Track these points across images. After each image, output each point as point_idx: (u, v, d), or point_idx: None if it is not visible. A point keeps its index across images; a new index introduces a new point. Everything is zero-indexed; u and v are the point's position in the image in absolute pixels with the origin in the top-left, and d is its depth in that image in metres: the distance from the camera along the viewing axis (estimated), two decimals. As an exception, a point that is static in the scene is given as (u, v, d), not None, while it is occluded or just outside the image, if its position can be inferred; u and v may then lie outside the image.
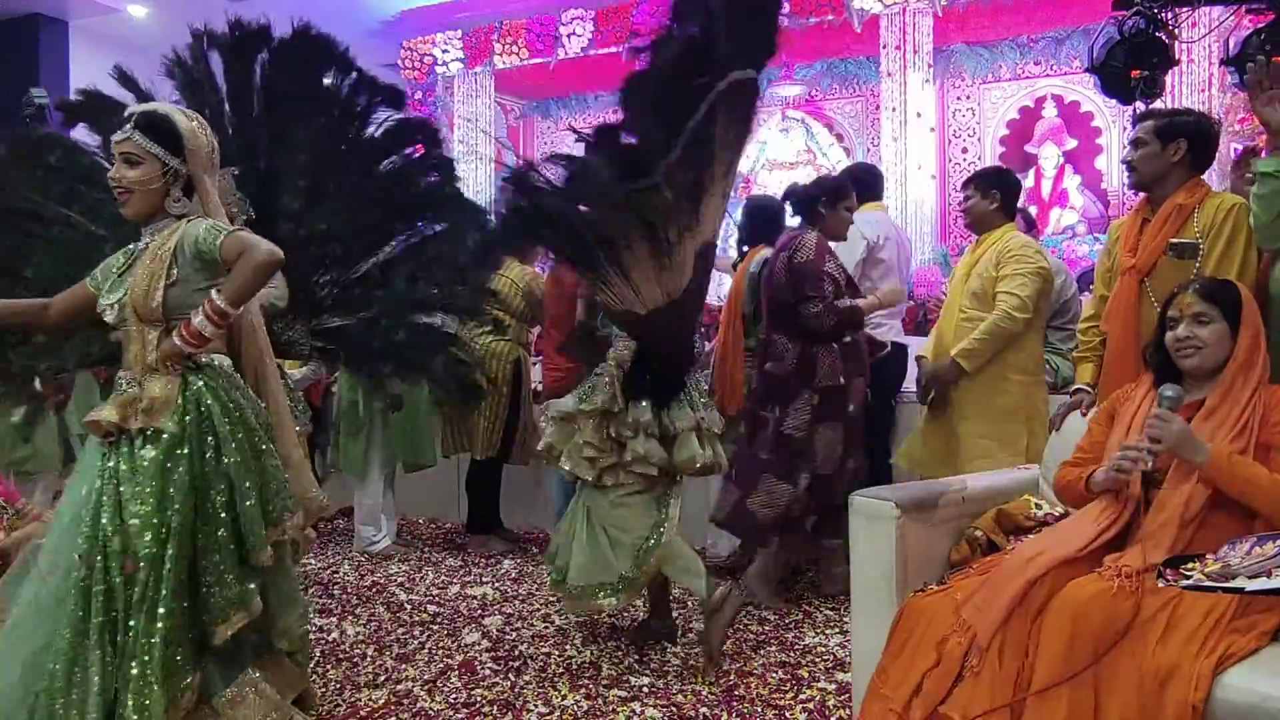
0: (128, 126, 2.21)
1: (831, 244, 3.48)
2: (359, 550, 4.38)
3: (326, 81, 3.51)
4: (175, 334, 2.16)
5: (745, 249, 3.95)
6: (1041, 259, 3.35)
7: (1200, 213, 2.58)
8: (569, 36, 7.76)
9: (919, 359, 3.57)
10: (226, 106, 3.54)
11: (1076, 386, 2.81)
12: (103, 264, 2.35)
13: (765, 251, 3.97)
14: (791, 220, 3.72)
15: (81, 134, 3.75)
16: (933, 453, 3.43)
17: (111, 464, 2.14)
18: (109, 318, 2.25)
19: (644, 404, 2.91)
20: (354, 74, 3.50)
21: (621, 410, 2.90)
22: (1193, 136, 2.63)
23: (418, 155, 3.67)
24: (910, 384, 3.82)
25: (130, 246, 2.34)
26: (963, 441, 3.31)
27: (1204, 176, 2.73)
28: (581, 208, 2.84)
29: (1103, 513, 2.01)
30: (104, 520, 2.08)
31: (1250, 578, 1.70)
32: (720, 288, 5.39)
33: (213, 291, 2.16)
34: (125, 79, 3.46)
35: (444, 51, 8.35)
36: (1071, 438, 2.37)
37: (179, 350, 2.16)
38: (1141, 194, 2.83)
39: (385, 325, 3.42)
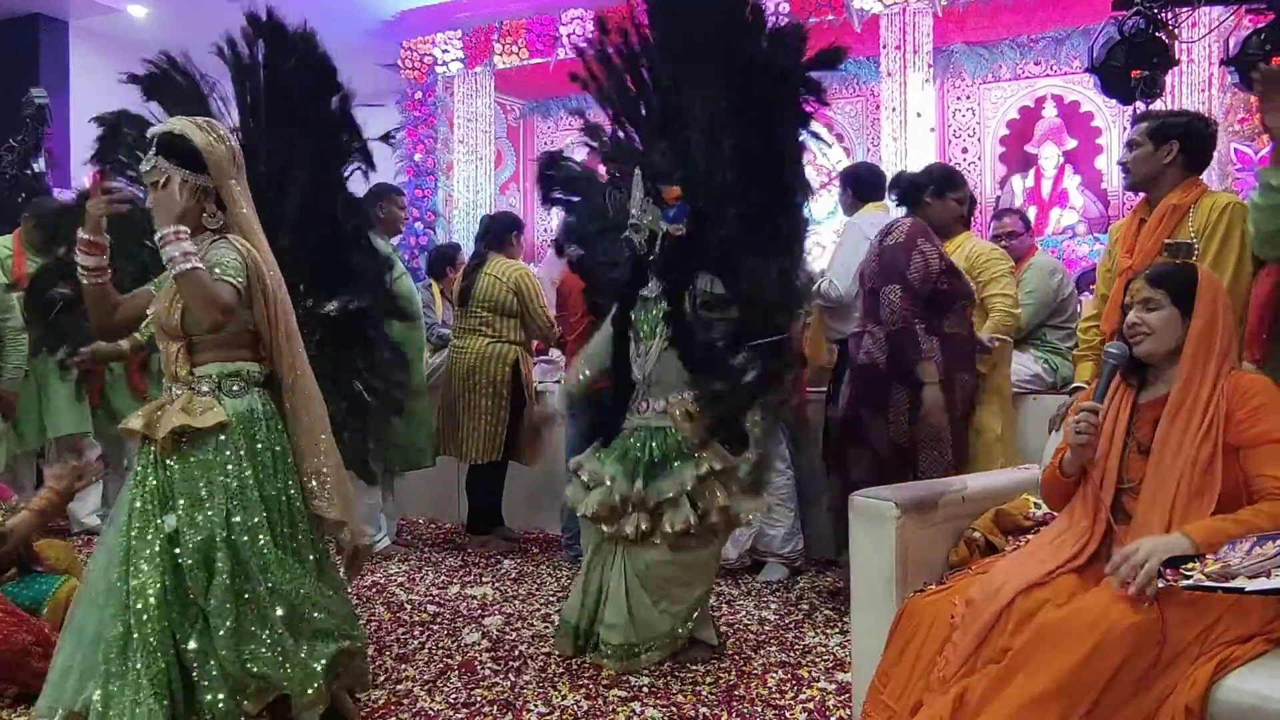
0: (151, 153, 2.25)
1: (854, 244, 3.49)
2: None
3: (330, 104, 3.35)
4: None
5: None
6: (1008, 262, 3.64)
7: (1195, 212, 2.61)
8: (569, 36, 7.76)
9: None
10: (249, 99, 3.33)
11: (1075, 385, 2.83)
12: (165, 273, 2.35)
13: None
14: (897, 209, 3.65)
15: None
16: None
17: (153, 468, 2.25)
18: (154, 329, 2.36)
19: (746, 455, 2.82)
20: (347, 108, 3.24)
21: (733, 468, 2.81)
22: (1184, 137, 2.66)
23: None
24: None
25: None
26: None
27: (1203, 176, 2.74)
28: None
29: (1069, 531, 1.98)
30: (148, 520, 2.21)
31: (1250, 578, 1.69)
32: None
33: None
34: (135, 78, 3.37)
35: (444, 51, 8.34)
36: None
37: None
38: (1140, 195, 2.83)
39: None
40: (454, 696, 2.69)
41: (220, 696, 2.12)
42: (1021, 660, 1.72)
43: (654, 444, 2.85)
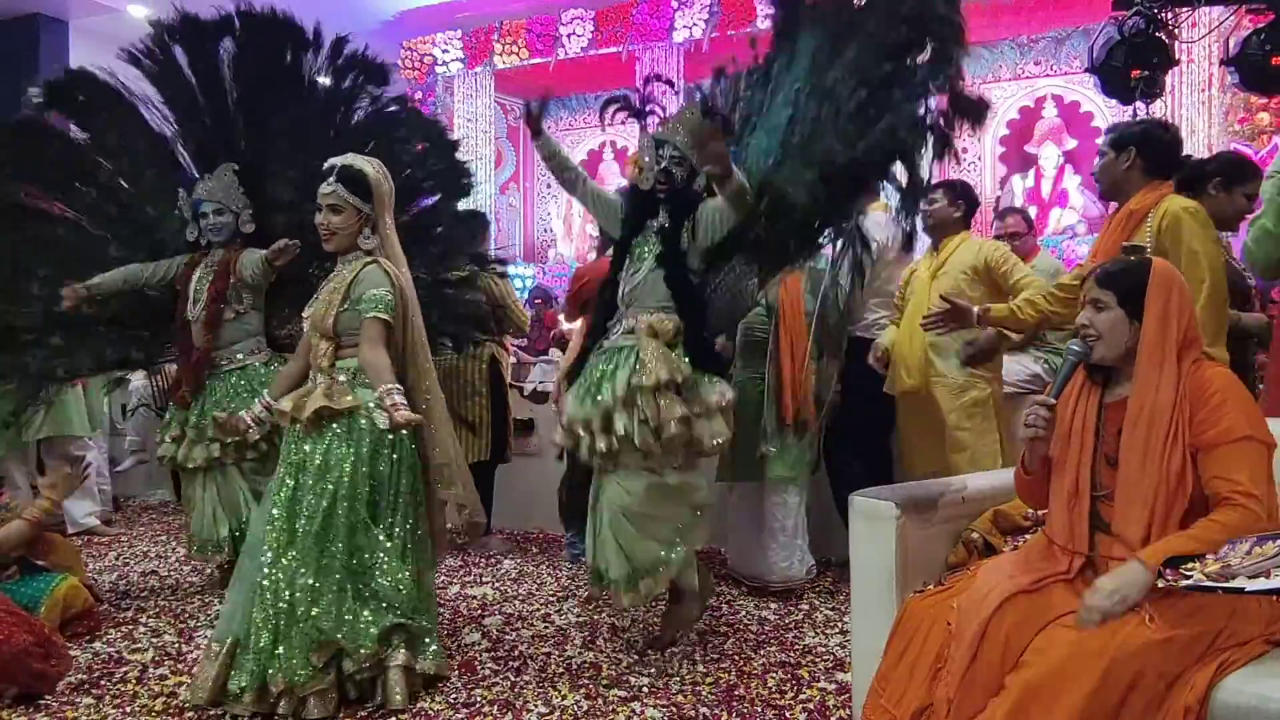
0: (332, 179, 2.68)
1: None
2: None
3: (309, 64, 3.53)
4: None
5: None
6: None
7: (1152, 216, 2.68)
8: (569, 36, 7.77)
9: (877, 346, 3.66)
10: (200, 98, 3.53)
11: None
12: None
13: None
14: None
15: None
16: (913, 448, 3.47)
17: (295, 443, 2.67)
18: (305, 326, 2.80)
19: (716, 380, 2.83)
20: (335, 55, 3.54)
21: (686, 382, 2.76)
22: (1141, 143, 2.76)
23: (402, 133, 3.70)
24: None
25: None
26: (946, 436, 3.38)
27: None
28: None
29: (1055, 537, 1.96)
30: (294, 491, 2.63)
31: (1250, 577, 1.69)
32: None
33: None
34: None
35: (444, 51, 8.36)
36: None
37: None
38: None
39: None
40: (454, 696, 2.69)
41: (295, 647, 2.49)
42: (1031, 697, 1.68)
43: (614, 361, 2.82)
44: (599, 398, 2.77)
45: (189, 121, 3.62)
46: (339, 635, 2.51)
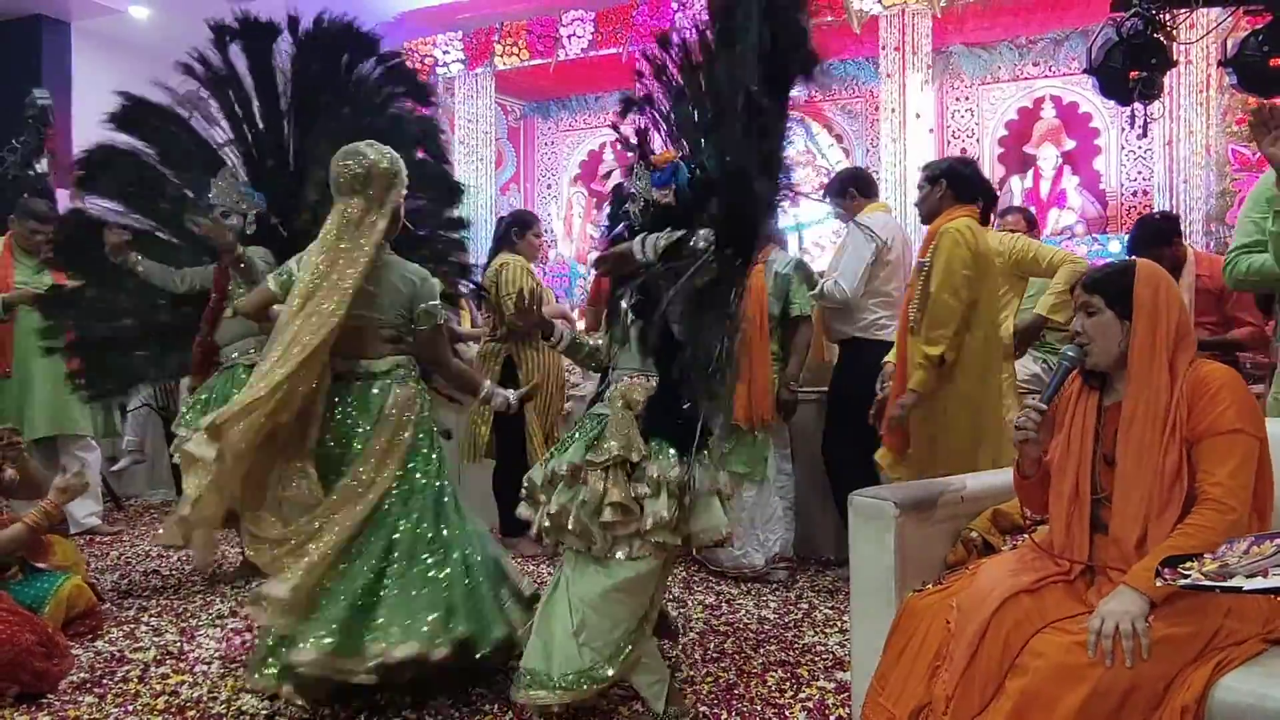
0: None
1: (860, 244, 3.61)
2: None
3: (360, 70, 3.67)
4: None
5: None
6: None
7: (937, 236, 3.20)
8: (569, 37, 7.78)
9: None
10: (255, 102, 3.61)
11: None
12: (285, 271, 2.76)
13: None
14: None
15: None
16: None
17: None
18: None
19: (670, 453, 2.41)
20: (386, 63, 3.68)
21: (644, 459, 2.40)
22: (948, 175, 3.32)
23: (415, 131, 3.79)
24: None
25: None
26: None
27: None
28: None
29: (1055, 540, 1.96)
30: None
31: (1248, 576, 1.70)
32: None
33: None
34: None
35: (444, 52, 8.36)
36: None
37: None
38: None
39: None
40: (454, 696, 2.69)
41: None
42: (1029, 701, 1.69)
43: (586, 436, 2.50)
44: (559, 469, 2.46)
45: (242, 126, 3.76)
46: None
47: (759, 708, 2.59)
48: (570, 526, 2.42)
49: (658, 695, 2.49)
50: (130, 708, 2.62)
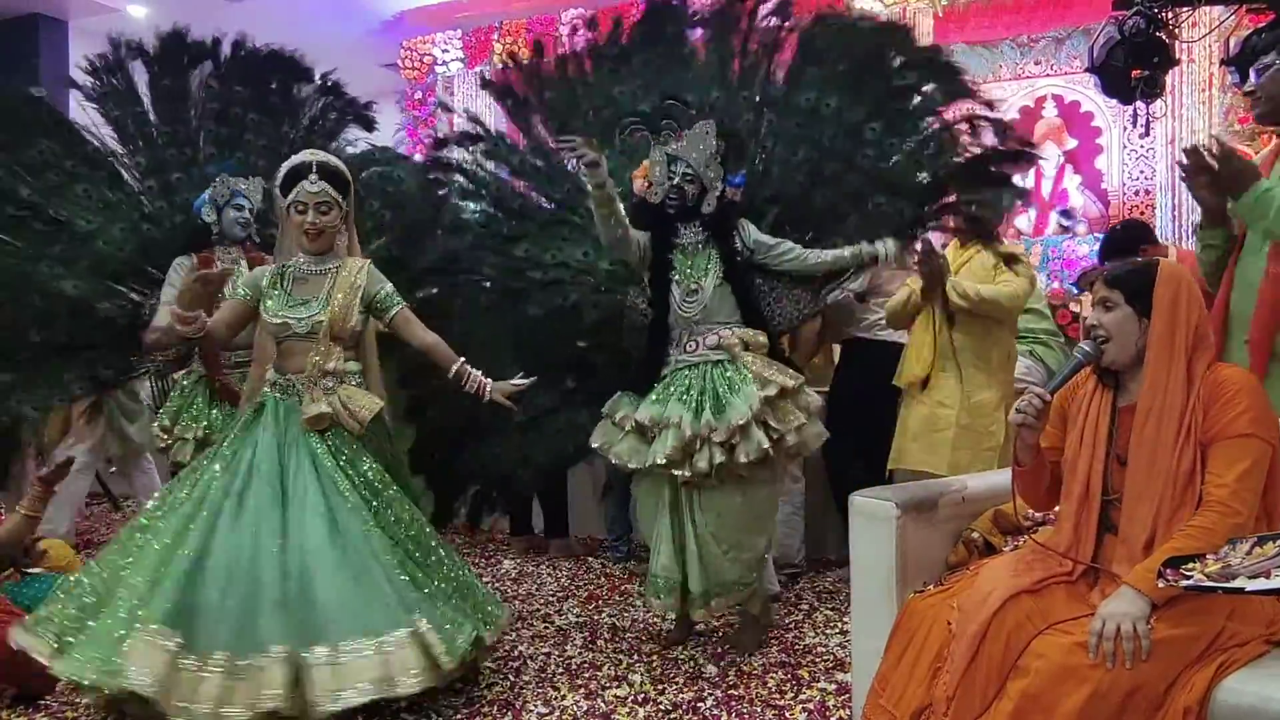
0: (315, 177, 2.65)
1: None
2: None
3: (301, 93, 3.73)
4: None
5: None
6: (1030, 268, 3.58)
7: None
8: (569, 36, 7.76)
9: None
10: (152, 116, 3.61)
11: None
12: (247, 279, 2.79)
13: None
14: None
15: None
16: (914, 440, 3.47)
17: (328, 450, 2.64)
18: (296, 329, 2.68)
19: (806, 386, 2.93)
20: (328, 91, 3.75)
21: (799, 388, 2.87)
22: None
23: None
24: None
25: (279, 267, 2.77)
26: (942, 432, 3.37)
27: None
28: None
29: (1059, 541, 1.94)
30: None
31: (1250, 577, 1.69)
32: None
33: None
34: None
35: (444, 51, 8.35)
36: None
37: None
38: None
39: None
40: (454, 696, 2.69)
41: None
42: (1030, 703, 1.68)
43: (714, 376, 2.87)
44: (724, 413, 2.78)
45: (136, 140, 3.72)
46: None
47: (759, 709, 2.58)
48: (750, 458, 2.75)
49: (760, 595, 3.04)
50: (128, 709, 2.61)
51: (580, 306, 3.35)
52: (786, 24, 3.30)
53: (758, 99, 3.30)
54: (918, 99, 3.18)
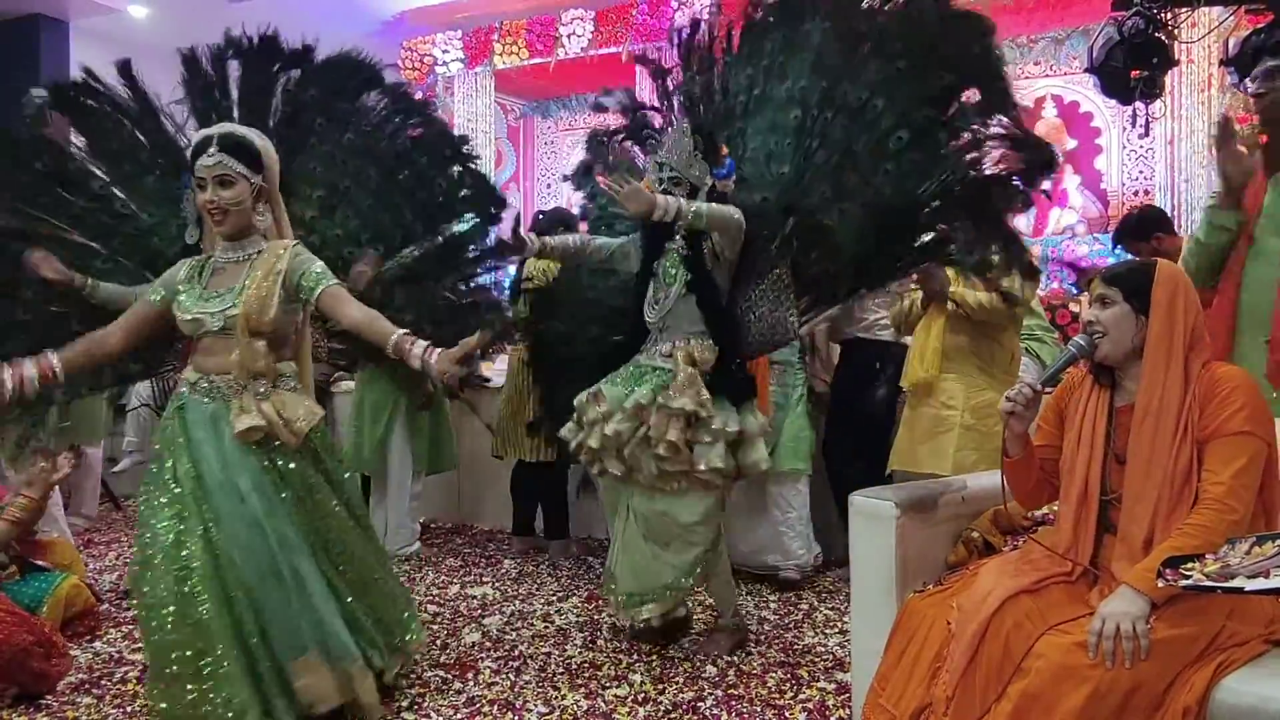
0: (214, 150, 2.35)
1: None
2: (390, 554, 4.30)
3: (367, 100, 3.58)
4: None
5: None
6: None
7: None
8: (569, 36, 7.77)
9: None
10: (236, 113, 3.52)
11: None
12: (163, 279, 2.52)
13: None
14: None
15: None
16: (917, 442, 3.47)
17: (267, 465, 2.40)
18: (210, 325, 2.39)
19: (728, 407, 2.81)
20: (392, 94, 3.61)
21: (709, 415, 2.77)
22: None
23: (437, 153, 3.68)
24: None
25: (195, 260, 2.52)
26: (947, 433, 3.37)
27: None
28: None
29: (1058, 541, 1.95)
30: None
31: (1249, 577, 1.69)
32: None
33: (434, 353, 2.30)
34: (126, 73, 3.44)
35: (444, 51, 8.35)
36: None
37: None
38: None
39: (410, 323, 3.44)
40: (454, 696, 2.69)
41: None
42: (1030, 703, 1.68)
43: (652, 382, 2.84)
44: (625, 404, 2.81)
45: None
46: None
47: (759, 709, 2.58)
48: (623, 453, 2.80)
49: (727, 604, 3.06)
50: (129, 709, 2.61)
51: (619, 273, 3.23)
52: (885, 6, 2.92)
53: (831, 92, 2.94)
54: (954, 107, 2.83)
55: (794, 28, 3.06)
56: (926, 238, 2.96)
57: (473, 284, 3.76)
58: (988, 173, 2.84)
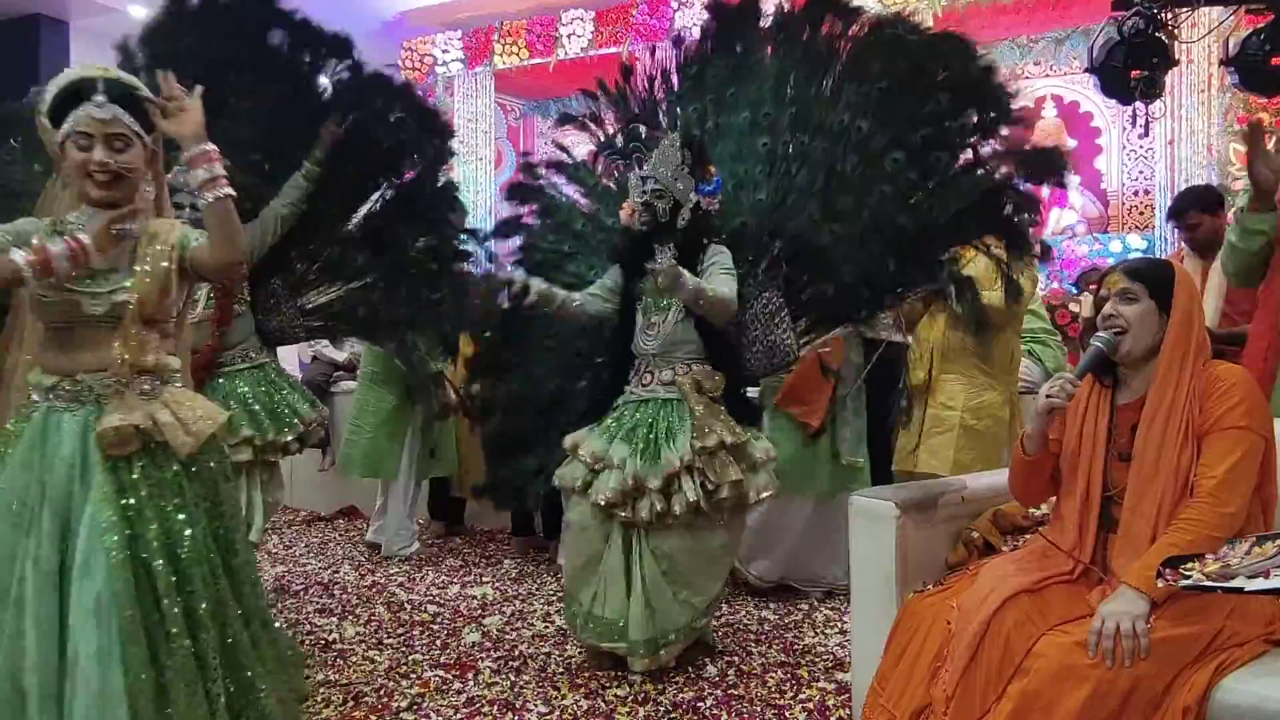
0: (104, 101, 1.87)
1: None
2: (388, 554, 4.33)
3: (273, 42, 3.30)
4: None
5: None
6: (1032, 268, 3.52)
7: None
8: (569, 36, 7.77)
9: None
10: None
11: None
12: (13, 231, 1.93)
13: None
14: None
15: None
16: (918, 442, 3.47)
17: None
18: (90, 311, 1.89)
19: (759, 434, 2.80)
20: (296, 30, 3.29)
21: (745, 441, 2.75)
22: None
23: (380, 105, 3.44)
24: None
25: (48, 223, 1.96)
26: (947, 433, 3.37)
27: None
28: None
29: (1059, 540, 1.94)
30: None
31: (1249, 577, 1.69)
32: None
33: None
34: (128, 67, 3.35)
35: (444, 51, 8.36)
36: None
37: None
38: None
39: (386, 288, 3.31)
40: (454, 697, 2.69)
41: None
42: (1030, 703, 1.68)
43: (660, 416, 2.78)
44: (659, 460, 2.70)
45: None
46: None
47: (759, 708, 2.58)
48: (703, 508, 2.69)
49: (711, 637, 2.99)
50: (128, 708, 2.61)
51: (603, 323, 3.11)
52: (849, 32, 2.98)
53: (801, 117, 3.00)
54: (947, 129, 2.85)
55: (738, 60, 3.11)
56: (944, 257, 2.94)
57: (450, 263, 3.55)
58: (996, 181, 2.85)
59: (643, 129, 2.98)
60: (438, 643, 3.15)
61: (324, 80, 3.39)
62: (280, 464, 3.27)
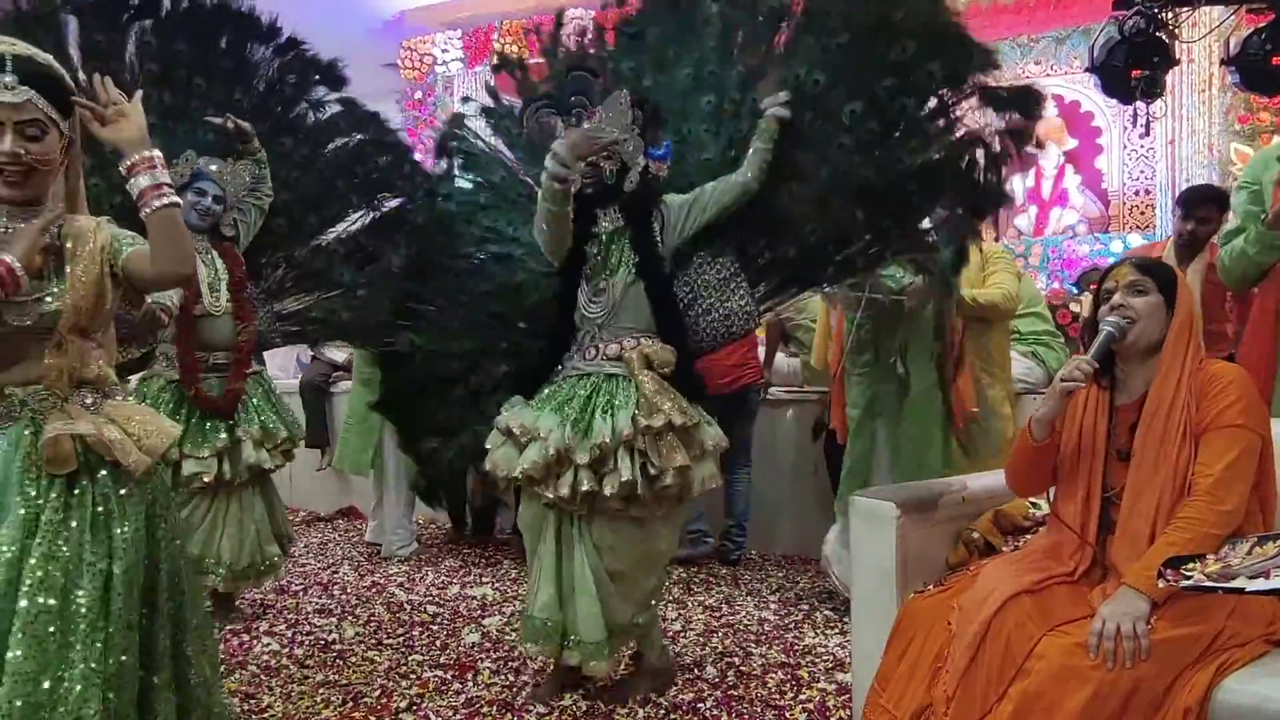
0: (14, 82, 1.59)
1: None
2: (387, 554, 4.33)
3: (253, 55, 3.32)
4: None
5: None
6: (1015, 265, 3.59)
7: None
8: (569, 37, 7.77)
9: None
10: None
11: None
12: None
13: None
14: None
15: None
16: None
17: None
18: (16, 322, 1.65)
19: (708, 419, 2.56)
20: (288, 51, 3.34)
21: (694, 425, 2.49)
22: None
23: (370, 137, 3.53)
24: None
25: None
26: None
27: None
28: None
29: (1059, 540, 1.95)
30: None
31: (1250, 577, 1.69)
32: None
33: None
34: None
35: (444, 51, 8.36)
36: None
37: None
38: None
39: (370, 296, 3.32)
40: (453, 697, 2.69)
41: None
42: (1031, 703, 1.68)
43: (603, 390, 2.50)
44: (590, 433, 2.42)
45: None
46: None
47: (759, 709, 2.58)
48: (637, 493, 2.41)
49: (655, 640, 2.73)
50: (127, 709, 2.60)
51: (525, 287, 2.99)
52: None
53: (751, 74, 2.80)
54: (912, 78, 2.64)
55: (682, 16, 2.94)
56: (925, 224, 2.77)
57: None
58: (966, 132, 2.68)
59: (590, 78, 2.74)
60: (437, 643, 3.15)
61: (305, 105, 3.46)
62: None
